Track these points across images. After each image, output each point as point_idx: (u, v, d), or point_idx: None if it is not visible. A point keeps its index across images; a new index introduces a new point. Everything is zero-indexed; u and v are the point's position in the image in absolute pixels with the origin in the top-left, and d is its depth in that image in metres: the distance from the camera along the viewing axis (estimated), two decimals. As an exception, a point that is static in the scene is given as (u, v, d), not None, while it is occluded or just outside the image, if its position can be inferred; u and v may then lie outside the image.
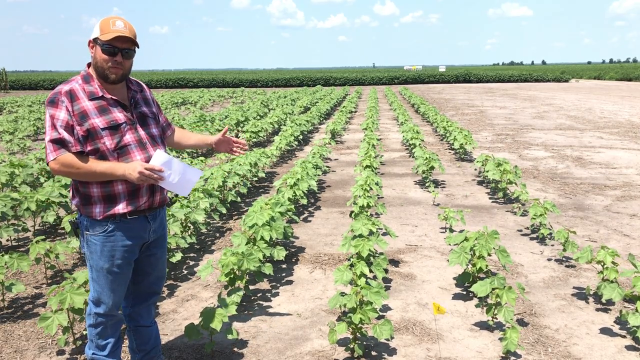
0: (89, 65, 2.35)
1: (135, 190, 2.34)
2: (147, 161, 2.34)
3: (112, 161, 2.26)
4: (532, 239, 5.17)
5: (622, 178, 7.87)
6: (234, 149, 2.77)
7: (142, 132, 2.38)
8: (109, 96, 2.31)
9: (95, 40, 2.27)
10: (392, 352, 3.13)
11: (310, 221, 5.88)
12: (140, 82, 2.56)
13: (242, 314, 3.63)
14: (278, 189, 5.69)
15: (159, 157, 2.29)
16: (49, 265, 4.20)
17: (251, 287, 4.05)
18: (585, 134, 12.77)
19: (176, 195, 6.32)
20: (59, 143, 2.21)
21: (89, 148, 2.25)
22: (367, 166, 7.01)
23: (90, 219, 2.33)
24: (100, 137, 2.25)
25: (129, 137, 2.32)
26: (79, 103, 2.24)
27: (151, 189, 2.40)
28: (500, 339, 3.19)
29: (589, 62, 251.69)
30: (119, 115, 2.31)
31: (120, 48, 2.26)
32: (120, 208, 2.31)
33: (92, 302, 2.48)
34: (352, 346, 3.01)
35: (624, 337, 3.27)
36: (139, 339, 2.70)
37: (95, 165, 2.22)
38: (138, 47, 2.34)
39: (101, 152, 2.26)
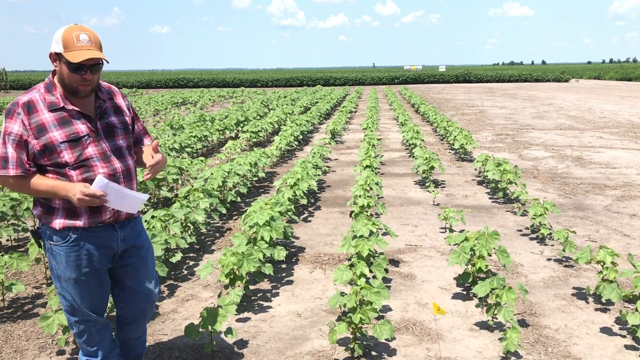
0: (53, 73, 2.22)
1: (99, 205, 2.22)
2: (111, 174, 2.24)
3: (54, 180, 2.16)
4: (532, 239, 5.17)
5: (622, 178, 7.87)
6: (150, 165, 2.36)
7: (105, 145, 2.26)
8: (71, 107, 2.18)
9: (58, 55, 2.11)
10: (392, 352, 3.13)
11: (310, 221, 5.88)
12: (112, 88, 2.42)
13: (242, 314, 3.63)
14: (278, 189, 5.69)
15: (99, 181, 2.14)
16: (49, 265, 4.19)
17: (251, 287, 4.05)
18: (585, 133, 12.77)
19: (176, 195, 6.31)
20: (3, 162, 2.12)
21: (47, 162, 2.16)
22: (367, 166, 7.00)
23: (51, 228, 2.24)
24: (59, 151, 2.14)
25: (91, 150, 2.20)
26: (37, 115, 2.12)
27: None
28: (500, 339, 3.19)
29: (589, 62, 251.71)
30: (81, 127, 2.19)
31: (89, 65, 2.13)
32: (81, 223, 2.22)
33: (67, 313, 2.40)
34: (352, 346, 3.01)
35: (624, 336, 3.27)
36: (125, 348, 2.67)
37: (38, 184, 2.14)
38: (107, 61, 2.19)
39: (61, 166, 2.16)
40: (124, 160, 2.34)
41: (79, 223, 2.22)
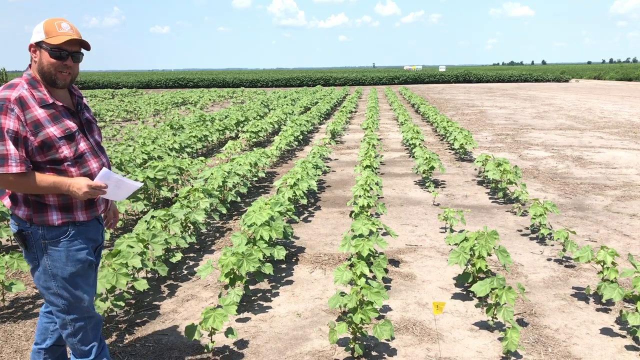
0: (30, 66, 2.22)
1: (92, 200, 2.30)
2: (102, 167, 2.30)
3: (54, 175, 2.15)
4: (532, 239, 5.17)
5: (622, 178, 7.87)
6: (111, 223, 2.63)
7: (91, 140, 2.33)
8: (60, 103, 2.21)
9: (39, 44, 2.15)
10: (392, 352, 3.13)
11: (310, 221, 5.88)
12: (76, 87, 2.45)
13: (242, 314, 3.63)
14: (278, 189, 5.69)
15: (103, 173, 2.21)
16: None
17: (251, 287, 4.05)
18: (585, 134, 12.77)
19: (176, 195, 6.31)
20: (2, 159, 2.05)
21: (44, 159, 2.15)
22: (367, 166, 7.01)
23: (47, 226, 2.20)
24: (58, 147, 2.15)
25: (83, 145, 2.25)
26: (31, 112, 2.10)
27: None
28: (500, 339, 3.20)
29: (589, 62, 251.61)
30: (70, 123, 2.22)
31: (70, 51, 2.17)
32: (80, 217, 2.26)
33: (62, 313, 2.32)
34: (352, 346, 3.01)
35: (624, 337, 3.27)
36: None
37: (39, 180, 2.12)
38: (88, 49, 2.25)
39: (58, 162, 2.17)
40: (105, 155, 2.41)
41: (79, 217, 2.26)
